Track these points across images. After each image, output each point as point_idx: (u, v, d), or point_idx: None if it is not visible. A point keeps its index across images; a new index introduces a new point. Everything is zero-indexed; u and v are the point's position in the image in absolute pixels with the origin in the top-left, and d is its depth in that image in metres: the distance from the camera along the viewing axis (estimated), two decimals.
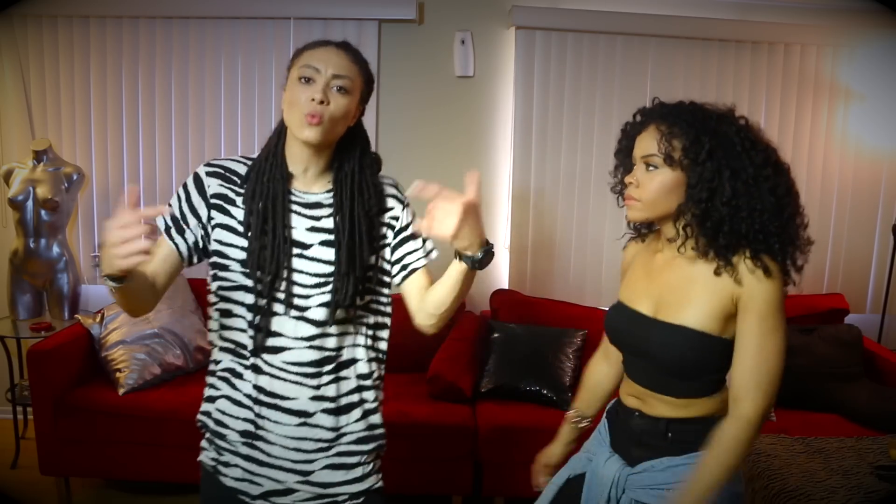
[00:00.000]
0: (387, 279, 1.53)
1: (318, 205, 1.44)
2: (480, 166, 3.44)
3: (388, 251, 1.50)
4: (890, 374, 2.94)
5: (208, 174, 1.42)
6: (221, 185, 1.41)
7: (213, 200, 1.41)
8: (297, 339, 1.41)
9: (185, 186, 1.43)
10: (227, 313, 1.43)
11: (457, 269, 1.37)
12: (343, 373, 1.47)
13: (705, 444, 1.33)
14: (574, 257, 3.47)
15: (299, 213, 1.43)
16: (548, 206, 3.41)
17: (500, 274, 3.51)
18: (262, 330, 1.40)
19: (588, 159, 3.40)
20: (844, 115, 3.42)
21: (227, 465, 1.47)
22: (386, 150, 3.40)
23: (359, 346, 1.50)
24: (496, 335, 3.04)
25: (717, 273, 1.32)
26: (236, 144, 3.37)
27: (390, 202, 1.53)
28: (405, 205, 1.56)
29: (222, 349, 1.47)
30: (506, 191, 3.45)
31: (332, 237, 1.42)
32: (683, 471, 1.35)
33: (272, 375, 1.42)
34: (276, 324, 1.41)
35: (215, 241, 1.42)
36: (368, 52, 3.28)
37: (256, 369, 1.42)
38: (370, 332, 1.53)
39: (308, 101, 1.33)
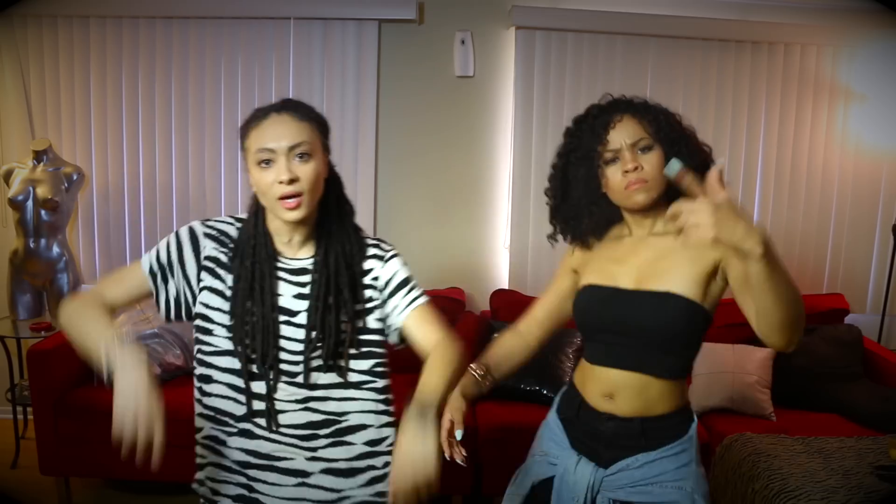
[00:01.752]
0: (383, 340, 1.49)
1: (303, 271, 1.40)
2: (480, 166, 3.44)
3: (377, 312, 1.46)
4: (890, 374, 2.94)
5: (206, 235, 1.39)
6: (216, 249, 1.39)
7: (205, 263, 1.38)
8: (289, 401, 1.39)
9: (177, 237, 1.39)
10: (207, 379, 1.40)
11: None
12: (348, 437, 1.43)
13: (675, 436, 1.39)
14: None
15: (286, 280, 1.39)
16: (548, 206, 3.41)
17: (500, 274, 3.51)
18: (252, 395, 1.37)
19: None
20: (844, 115, 3.42)
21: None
22: (386, 151, 3.41)
23: (368, 412, 1.45)
24: (496, 335, 3.04)
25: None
26: (236, 145, 3.36)
27: (370, 263, 1.46)
28: (385, 261, 1.49)
29: (202, 416, 1.45)
30: (506, 190, 3.45)
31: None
32: (662, 464, 1.37)
33: (265, 438, 1.39)
34: (263, 387, 1.38)
35: (201, 303, 1.38)
36: (368, 52, 3.28)
37: (247, 434, 1.39)
38: (382, 397, 1.48)
39: (276, 184, 1.29)
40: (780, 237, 3.48)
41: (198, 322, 1.39)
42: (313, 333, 1.36)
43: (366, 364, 1.44)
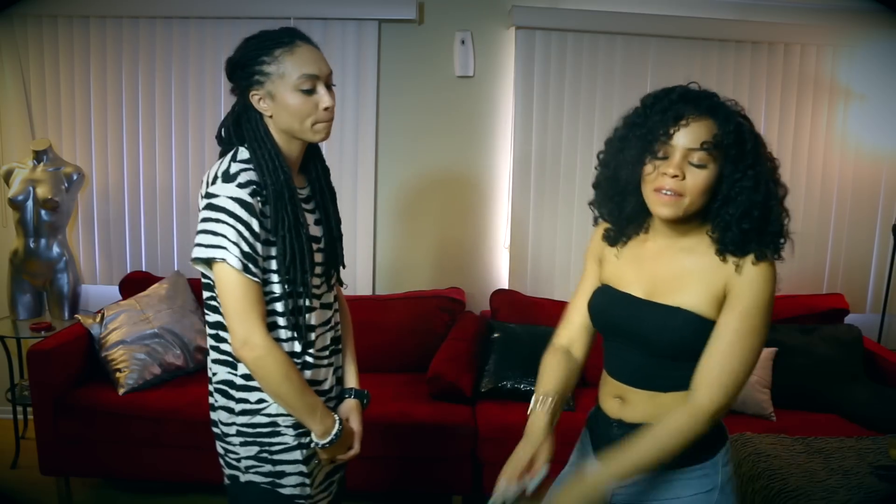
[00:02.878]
0: None
1: (310, 198, 1.52)
2: (480, 166, 3.44)
3: None
4: (890, 374, 2.94)
5: (251, 194, 1.37)
6: (259, 202, 1.38)
7: (262, 219, 1.39)
8: (321, 325, 1.53)
9: (234, 216, 1.34)
10: (273, 326, 1.44)
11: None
12: (339, 344, 1.63)
13: (694, 457, 1.31)
14: (575, 257, 3.47)
15: (307, 210, 1.50)
16: (548, 206, 3.41)
17: (500, 274, 3.51)
18: (308, 328, 1.48)
19: (588, 159, 3.39)
20: (844, 115, 3.42)
21: (282, 474, 1.49)
22: (386, 150, 3.41)
23: (339, 320, 1.65)
24: (496, 335, 3.04)
25: (722, 260, 1.29)
26: None
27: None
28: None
29: None
30: (506, 190, 3.45)
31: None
32: (679, 486, 1.33)
33: (315, 367, 1.51)
34: (312, 318, 1.49)
35: (262, 256, 1.41)
36: (368, 52, 3.28)
37: (306, 365, 1.49)
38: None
39: (322, 110, 1.40)
40: None
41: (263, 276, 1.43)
42: (332, 255, 1.54)
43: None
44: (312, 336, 1.49)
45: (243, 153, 1.42)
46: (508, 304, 3.25)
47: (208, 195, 1.37)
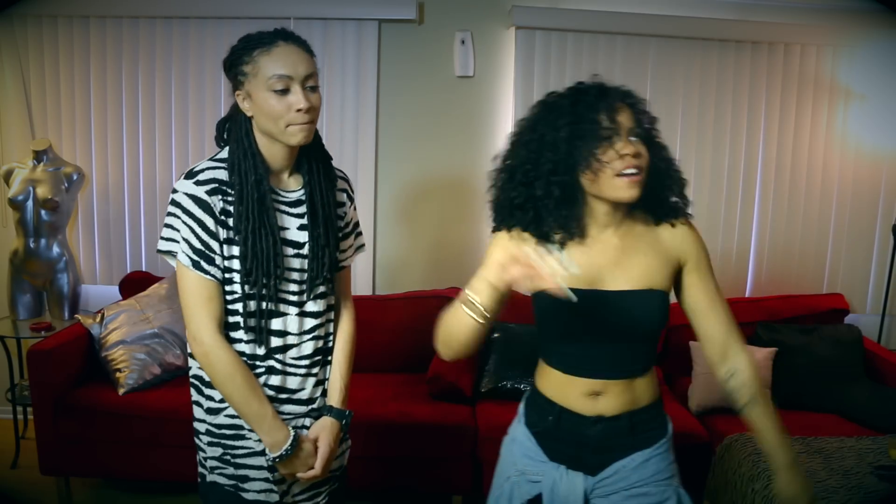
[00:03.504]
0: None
1: (299, 202, 1.49)
2: (480, 166, 3.43)
3: (340, 243, 1.60)
4: (890, 374, 2.94)
5: (209, 192, 1.37)
6: (222, 200, 1.39)
7: (220, 217, 1.39)
8: (300, 333, 1.48)
9: (188, 213, 1.36)
10: (234, 327, 1.44)
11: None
12: (329, 356, 1.60)
13: (661, 431, 1.42)
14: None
15: (287, 213, 1.46)
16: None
17: None
18: (269, 332, 1.44)
19: None
20: (844, 115, 3.42)
21: (245, 479, 1.48)
22: (385, 150, 3.41)
23: (332, 332, 1.61)
24: (496, 335, 3.04)
25: (671, 226, 1.41)
26: None
27: (339, 196, 1.60)
28: (352, 201, 1.65)
29: None
30: None
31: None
32: (656, 462, 1.38)
33: (285, 373, 1.48)
34: (281, 323, 1.46)
35: (223, 256, 1.41)
36: (368, 52, 3.28)
37: (271, 370, 1.46)
38: (333, 318, 1.62)
39: (294, 112, 1.37)
40: (780, 237, 3.49)
41: (224, 275, 1.42)
42: (316, 264, 1.48)
43: (332, 286, 1.59)
44: (278, 342, 1.46)
45: (223, 153, 1.44)
46: (508, 304, 3.24)
47: (173, 191, 1.40)
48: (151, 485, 2.95)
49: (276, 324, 1.45)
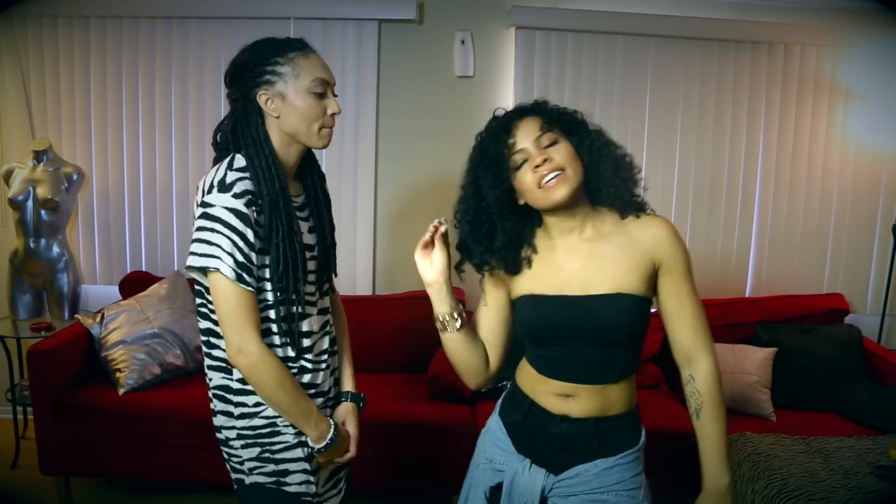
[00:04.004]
0: None
1: (304, 206, 1.53)
2: None
3: None
4: (890, 374, 2.94)
5: (247, 205, 1.37)
6: (255, 211, 1.39)
7: (257, 229, 1.40)
8: (318, 332, 1.54)
9: (229, 226, 1.35)
10: (266, 333, 1.45)
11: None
12: (335, 346, 1.65)
13: (631, 441, 1.39)
14: None
15: (300, 218, 1.50)
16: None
17: None
18: (300, 334, 1.49)
19: None
20: (844, 115, 3.42)
21: (286, 472, 1.50)
22: (386, 150, 3.41)
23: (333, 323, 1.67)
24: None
25: (636, 218, 1.38)
26: None
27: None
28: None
29: None
30: None
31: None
32: (619, 471, 1.35)
33: (314, 371, 1.52)
34: (307, 324, 1.51)
35: (256, 265, 1.41)
36: (368, 52, 3.28)
37: (303, 370, 1.50)
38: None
39: (329, 116, 1.44)
40: (780, 237, 3.49)
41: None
42: (325, 262, 1.56)
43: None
44: (307, 342, 1.50)
45: (240, 160, 1.41)
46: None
47: (204, 204, 1.37)
48: (151, 485, 2.95)
49: (304, 326, 1.50)
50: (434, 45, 3.34)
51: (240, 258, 1.36)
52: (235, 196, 1.36)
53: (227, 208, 1.35)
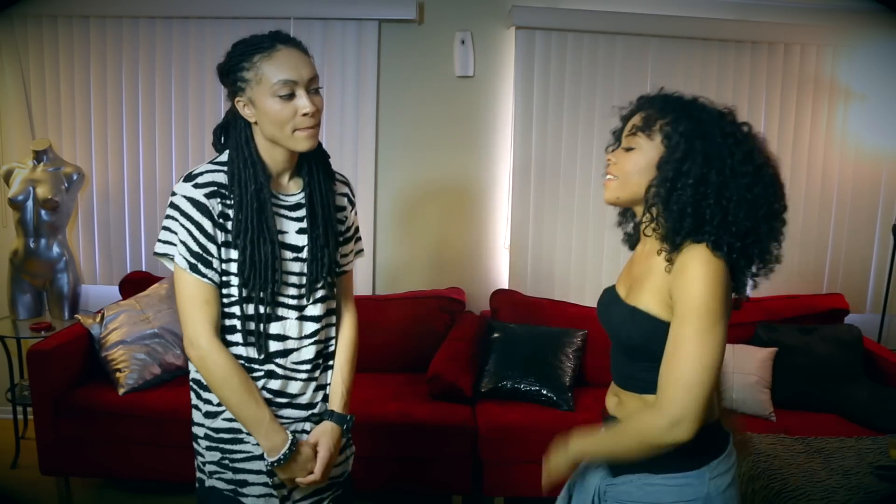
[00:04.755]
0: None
1: (299, 206, 1.47)
2: (480, 166, 3.44)
3: (341, 248, 1.59)
4: (890, 374, 2.94)
5: (207, 196, 1.36)
6: (220, 203, 1.38)
7: (219, 221, 1.38)
8: (301, 338, 1.47)
9: (186, 216, 1.35)
10: (231, 330, 1.43)
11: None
12: (331, 361, 1.58)
13: (681, 465, 1.30)
14: (574, 257, 3.47)
15: (287, 217, 1.45)
16: (548, 206, 3.41)
17: (500, 274, 3.51)
18: (268, 336, 1.44)
19: (588, 159, 3.40)
20: (844, 115, 3.42)
21: (244, 483, 1.47)
22: (385, 150, 3.41)
23: (333, 336, 1.60)
24: (496, 335, 3.04)
25: (667, 261, 1.27)
26: None
27: (340, 200, 1.58)
28: (353, 205, 1.65)
29: None
30: (506, 190, 3.45)
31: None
32: (660, 492, 1.32)
33: (285, 377, 1.47)
34: (280, 327, 1.45)
35: (221, 259, 1.40)
36: (368, 52, 3.28)
37: (271, 374, 1.45)
38: (335, 322, 1.62)
39: (300, 116, 1.36)
40: None
41: (221, 279, 1.42)
42: (315, 266, 1.47)
43: (333, 290, 1.57)
44: (278, 346, 1.45)
45: (223, 157, 1.43)
46: (508, 304, 3.25)
47: (172, 193, 1.39)
48: (151, 485, 2.95)
49: (274, 328, 1.44)
50: (434, 45, 3.34)
51: (194, 247, 1.35)
52: (196, 186, 1.36)
53: (185, 197, 1.36)
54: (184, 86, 3.33)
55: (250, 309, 1.41)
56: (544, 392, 2.82)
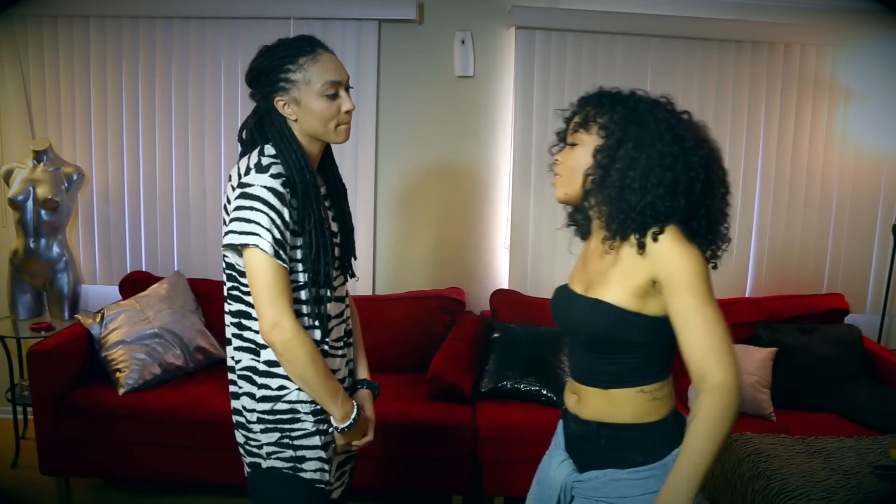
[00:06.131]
0: None
1: (327, 196, 1.60)
2: (480, 166, 3.44)
3: None
4: (890, 374, 2.94)
5: (283, 185, 1.43)
6: (289, 193, 1.44)
7: (291, 210, 1.45)
8: (337, 318, 1.59)
9: (268, 205, 1.40)
10: (298, 314, 1.49)
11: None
12: (351, 338, 1.68)
13: (645, 458, 1.31)
14: (574, 257, 3.46)
15: (326, 207, 1.56)
16: (548, 206, 3.41)
17: (500, 274, 3.51)
18: (328, 317, 1.54)
19: None
20: (844, 115, 3.42)
21: (303, 459, 1.53)
22: (385, 150, 3.41)
23: (350, 315, 1.71)
24: (496, 335, 3.04)
25: (610, 248, 1.33)
26: (235, 144, 3.36)
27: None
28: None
29: None
30: (506, 190, 3.45)
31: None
32: (626, 486, 1.33)
33: (331, 356, 1.56)
34: (329, 309, 1.55)
35: (290, 246, 1.47)
36: (368, 52, 3.28)
37: (325, 354, 1.53)
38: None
39: (344, 114, 1.50)
40: (780, 237, 3.49)
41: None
42: (346, 249, 1.62)
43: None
44: (330, 326, 1.55)
45: (269, 149, 1.48)
46: (508, 304, 3.25)
47: (242, 185, 1.42)
48: (151, 485, 2.95)
49: (327, 309, 1.55)
50: (434, 45, 3.34)
51: (277, 235, 1.40)
52: (273, 176, 1.42)
53: (265, 187, 1.40)
54: (184, 86, 3.33)
55: (304, 294, 1.49)
56: (544, 392, 2.82)
